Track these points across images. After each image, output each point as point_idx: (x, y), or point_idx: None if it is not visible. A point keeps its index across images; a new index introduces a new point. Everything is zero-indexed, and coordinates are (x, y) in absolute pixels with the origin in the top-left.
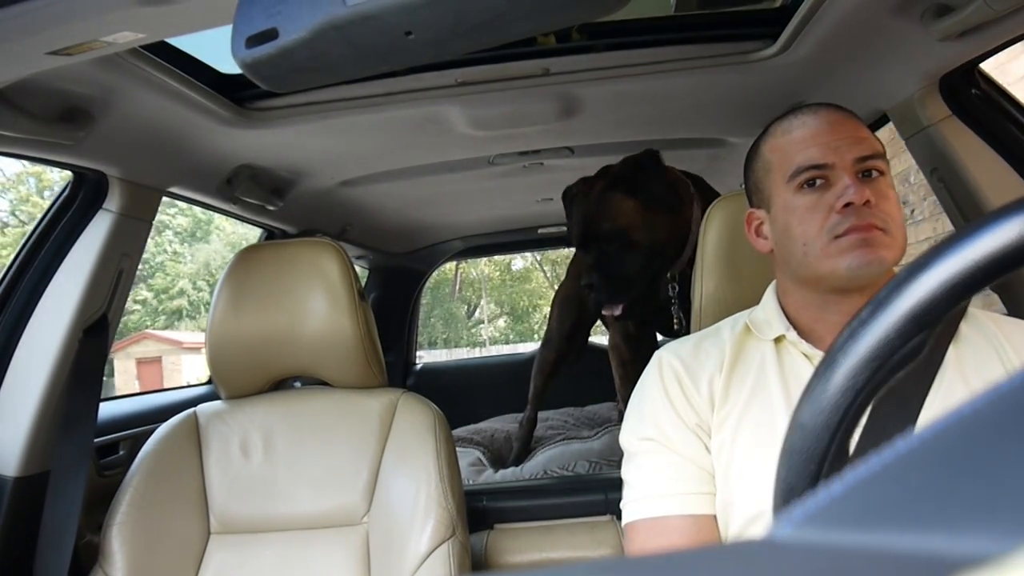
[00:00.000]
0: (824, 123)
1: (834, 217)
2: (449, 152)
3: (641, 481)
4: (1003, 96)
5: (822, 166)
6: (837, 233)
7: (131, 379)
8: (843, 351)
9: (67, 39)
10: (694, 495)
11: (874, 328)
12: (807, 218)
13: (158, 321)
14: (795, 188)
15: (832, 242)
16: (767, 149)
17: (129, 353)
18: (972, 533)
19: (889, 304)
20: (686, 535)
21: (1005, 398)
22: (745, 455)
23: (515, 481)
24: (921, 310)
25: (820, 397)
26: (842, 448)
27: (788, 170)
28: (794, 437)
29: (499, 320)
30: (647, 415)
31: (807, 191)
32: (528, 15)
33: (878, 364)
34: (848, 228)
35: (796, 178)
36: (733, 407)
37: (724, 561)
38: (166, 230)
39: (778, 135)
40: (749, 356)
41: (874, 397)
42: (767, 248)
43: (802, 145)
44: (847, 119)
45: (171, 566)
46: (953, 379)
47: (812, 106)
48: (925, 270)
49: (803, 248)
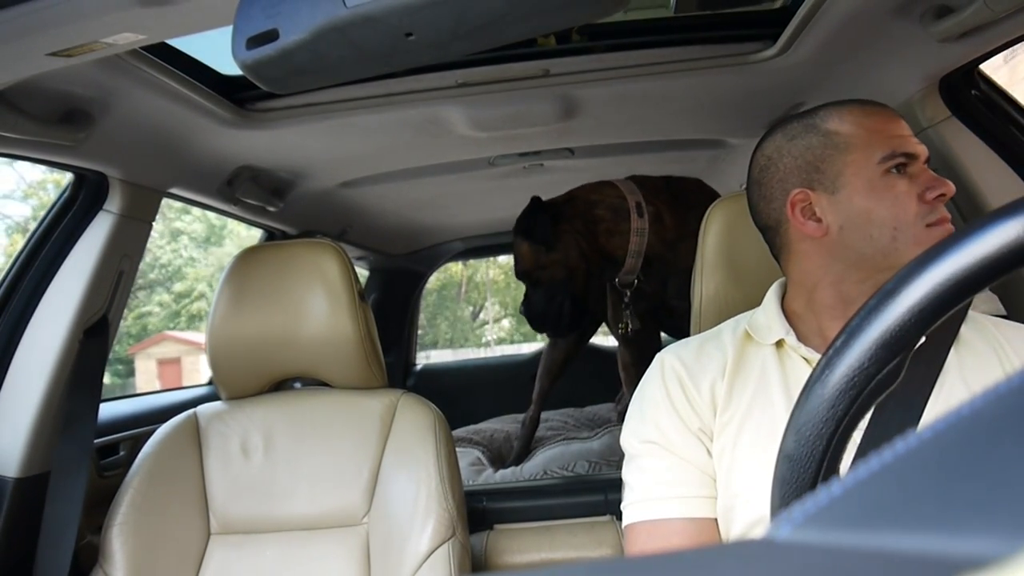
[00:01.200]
0: (892, 116)
1: (924, 206)
2: (449, 153)
3: (641, 483)
4: (1003, 97)
5: (911, 155)
6: (930, 221)
7: (152, 378)
8: (820, 380)
9: (68, 40)
10: (695, 498)
11: (848, 356)
12: (902, 202)
13: (178, 323)
14: (884, 171)
15: (925, 230)
16: (837, 126)
17: (150, 354)
18: (972, 534)
19: (862, 332)
20: (686, 538)
21: (1004, 399)
22: (747, 460)
23: (515, 481)
24: (893, 336)
25: (803, 427)
26: (832, 471)
27: (880, 151)
28: (783, 468)
29: (503, 321)
30: (648, 417)
31: (896, 175)
32: (528, 17)
33: (856, 392)
34: (940, 218)
35: (889, 161)
36: (735, 412)
37: (724, 561)
38: (182, 235)
39: (856, 114)
40: (750, 361)
41: (857, 422)
42: (821, 232)
43: (892, 130)
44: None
45: (171, 566)
46: (955, 383)
47: (870, 101)
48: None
49: (893, 232)
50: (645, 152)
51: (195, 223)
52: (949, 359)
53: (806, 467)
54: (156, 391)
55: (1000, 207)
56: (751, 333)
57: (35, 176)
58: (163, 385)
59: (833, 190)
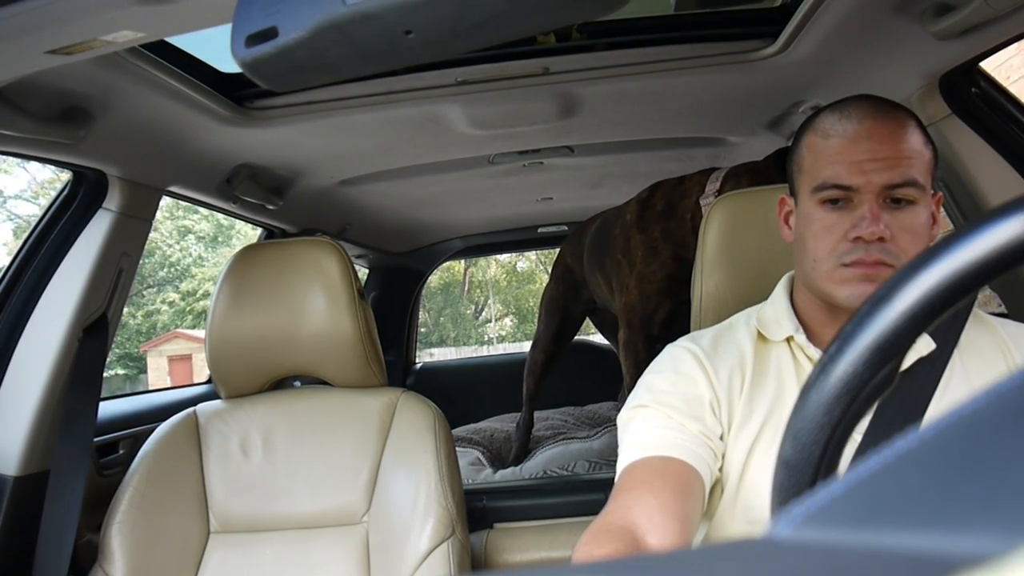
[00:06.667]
0: (863, 136)
1: (845, 244)
2: (449, 151)
3: (629, 439)
4: (1003, 95)
5: (847, 187)
6: (844, 262)
7: (163, 375)
8: (816, 386)
9: (66, 38)
10: (686, 447)
11: (843, 361)
12: (820, 235)
13: (186, 321)
14: (817, 201)
15: (837, 268)
16: (805, 144)
17: (161, 351)
18: (972, 532)
19: (856, 336)
20: (665, 475)
21: (1005, 397)
22: (762, 464)
23: (514, 480)
24: (888, 339)
25: (800, 432)
26: (829, 477)
27: (815, 180)
28: (781, 474)
29: (505, 319)
30: (655, 386)
31: (828, 208)
32: (528, 14)
33: (852, 397)
34: (855, 260)
35: (819, 192)
36: (754, 416)
37: (724, 560)
38: (189, 234)
39: (818, 134)
40: (768, 363)
41: (854, 427)
42: (791, 238)
43: (833, 158)
44: (892, 132)
45: (171, 565)
46: (959, 384)
47: (861, 106)
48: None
49: (812, 263)
50: (645, 150)
51: (203, 222)
52: (953, 361)
53: (804, 472)
54: (162, 388)
55: (991, 208)
56: (761, 330)
57: (45, 176)
58: (174, 381)
59: (796, 204)
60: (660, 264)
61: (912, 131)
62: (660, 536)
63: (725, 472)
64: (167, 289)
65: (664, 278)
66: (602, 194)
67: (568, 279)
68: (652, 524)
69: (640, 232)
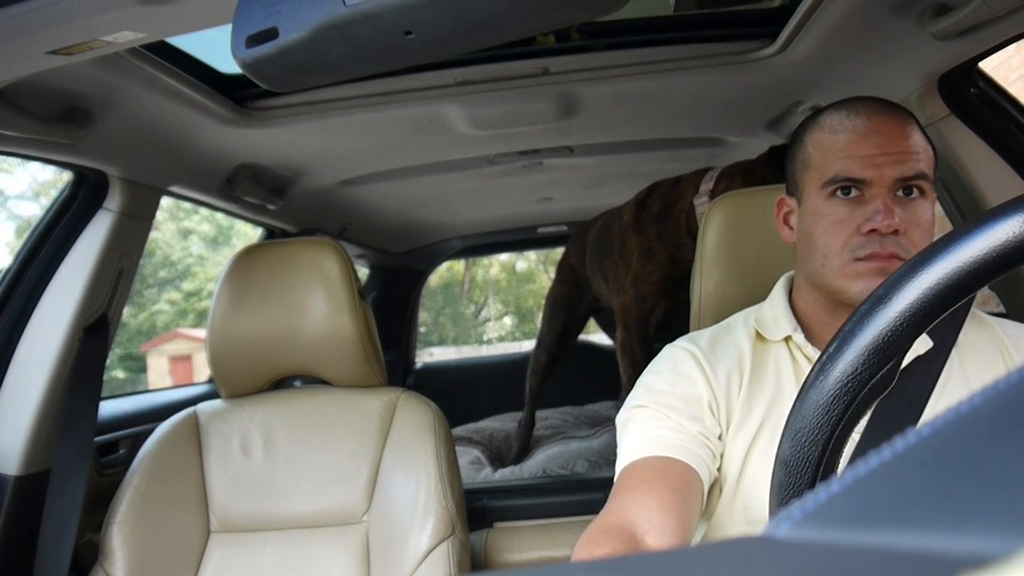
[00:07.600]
0: (873, 131)
1: (859, 238)
2: (449, 151)
3: (628, 440)
4: (1002, 95)
5: (859, 180)
6: (858, 256)
7: (164, 374)
8: (815, 386)
9: (67, 39)
10: (683, 446)
11: (841, 362)
12: (832, 230)
13: (187, 321)
14: (827, 195)
15: (851, 263)
16: (810, 142)
17: (162, 351)
18: (971, 532)
19: (854, 337)
20: (664, 475)
21: (1004, 396)
22: (760, 463)
23: (514, 480)
24: (885, 340)
25: (798, 432)
26: (828, 477)
27: (824, 175)
28: (780, 473)
29: (504, 319)
30: (653, 386)
31: (839, 200)
32: (528, 15)
33: (850, 398)
34: (869, 254)
35: (830, 186)
36: (752, 416)
37: (723, 559)
38: (191, 234)
39: (825, 131)
40: (767, 364)
41: (852, 427)
42: (792, 239)
43: (844, 152)
44: (899, 128)
45: (171, 564)
46: (957, 384)
47: (867, 104)
48: (886, 301)
49: (822, 259)
50: (644, 150)
51: (203, 223)
52: (952, 360)
53: (802, 472)
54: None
55: (990, 209)
56: (759, 330)
57: (46, 176)
58: (175, 381)
59: (800, 203)
60: (656, 265)
61: (916, 129)
62: (659, 536)
63: (724, 472)
64: (168, 289)
65: (660, 279)
66: (602, 194)
67: (572, 279)
68: (651, 524)
69: (636, 233)
